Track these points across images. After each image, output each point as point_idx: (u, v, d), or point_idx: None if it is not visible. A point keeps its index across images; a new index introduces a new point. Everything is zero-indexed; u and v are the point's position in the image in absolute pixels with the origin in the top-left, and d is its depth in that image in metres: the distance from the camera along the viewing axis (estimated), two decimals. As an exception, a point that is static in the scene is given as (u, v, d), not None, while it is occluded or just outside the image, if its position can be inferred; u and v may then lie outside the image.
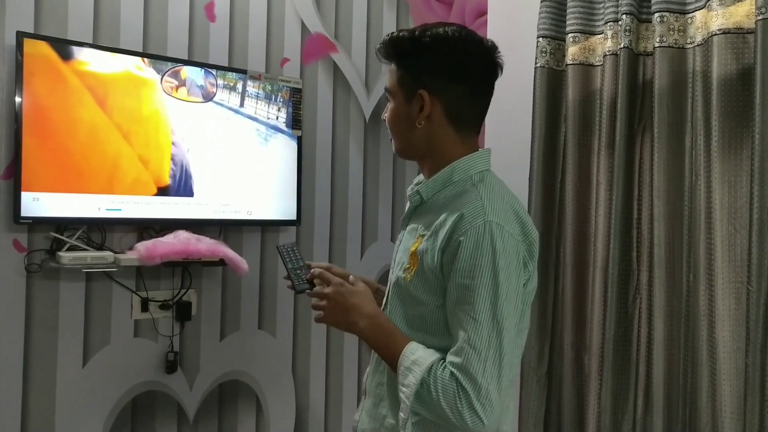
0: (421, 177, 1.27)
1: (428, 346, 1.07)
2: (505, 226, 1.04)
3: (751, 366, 1.70)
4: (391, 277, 1.19)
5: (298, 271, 1.24)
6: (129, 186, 1.88)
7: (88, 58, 1.82)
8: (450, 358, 1.02)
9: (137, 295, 1.98)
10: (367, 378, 1.24)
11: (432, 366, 1.02)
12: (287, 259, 1.27)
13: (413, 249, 1.10)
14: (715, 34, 1.84)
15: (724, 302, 1.79)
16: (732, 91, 1.82)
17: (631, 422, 2.03)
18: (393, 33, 1.16)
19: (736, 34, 1.82)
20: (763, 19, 1.73)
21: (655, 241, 1.99)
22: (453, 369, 1.00)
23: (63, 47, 1.79)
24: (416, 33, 1.13)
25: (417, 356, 1.04)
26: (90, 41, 1.90)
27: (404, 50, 1.13)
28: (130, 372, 1.99)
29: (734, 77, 1.82)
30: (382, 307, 1.21)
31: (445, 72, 1.11)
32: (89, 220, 1.84)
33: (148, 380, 2.02)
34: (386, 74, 1.21)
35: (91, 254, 1.79)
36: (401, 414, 1.05)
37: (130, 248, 1.88)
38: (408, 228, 1.18)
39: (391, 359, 1.08)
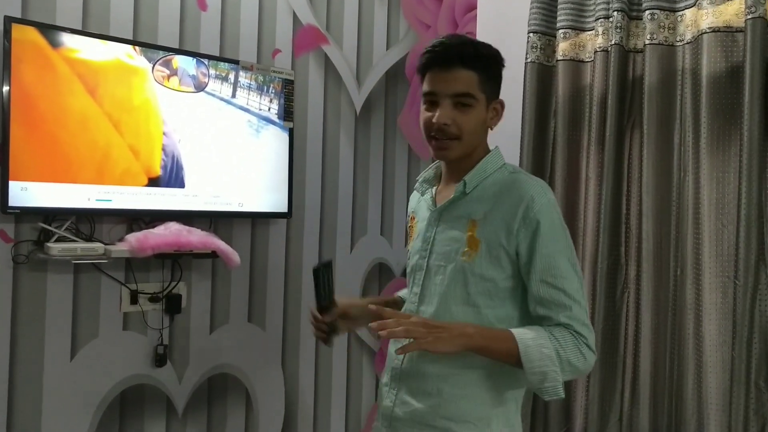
0: (429, 174, 1.38)
1: (490, 318, 1.21)
2: (554, 200, 1.24)
3: (737, 359, 1.74)
4: (434, 264, 1.27)
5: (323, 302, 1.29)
6: (119, 176, 1.85)
7: (78, 45, 1.79)
8: (559, 313, 1.18)
9: (126, 287, 1.95)
10: (402, 363, 1.27)
11: (550, 334, 1.17)
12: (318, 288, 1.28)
13: (471, 233, 1.22)
14: (705, 32, 1.87)
15: (711, 296, 1.82)
16: (721, 88, 1.86)
17: (618, 414, 2.07)
18: (467, 40, 1.26)
19: (725, 33, 1.86)
20: (752, 17, 1.76)
21: (643, 236, 2.02)
22: (567, 321, 1.17)
23: (52, 34, 1.75)
24: (482, 43, 1.26)
25: (532, 334, 1.16)
26: (79, 28, 1.86)
27: (488, 60, 1.25)
28: (119, 365, 1.96)
29: (723, 75, 1.85)
30: (416, 298, 1.29)
31: (500, 83, 1.29)
32: (78, 210, 1.81)
33: (137, 374, 2.00)
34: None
35: (81, 245, 1.76)
36: (549, 383, 1.15)
37: (120, 240, 1.85)
38: (446, 218, 1.28)
39: (507, 348, 1.15)
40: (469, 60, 1.21)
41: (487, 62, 1.24)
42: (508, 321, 1.22)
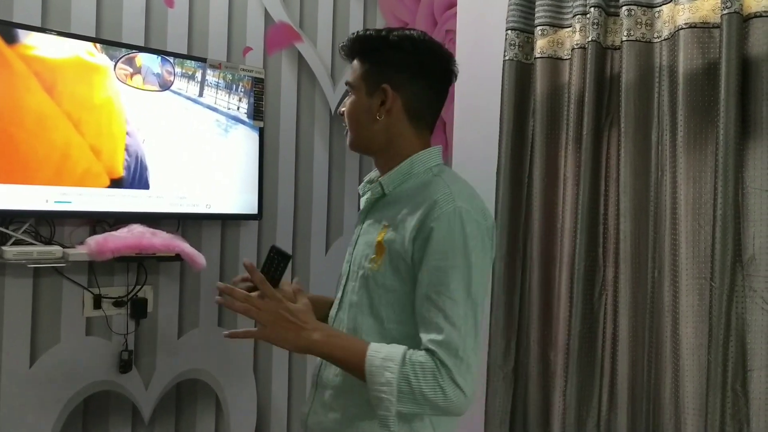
0: (373, 174, 1.32)
1: (394, 333, 1.12)
2: (471, 210, 1.11)
3: (713, 362, 1.69)
4: (352, 269, 1.20)
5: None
6: (79, 177, 1.79)
7: (35, 42, 1.73)
8: (428, 337, 1.05)
9: (89, 291, 1.90)
10: (319, 369, 1.22)
11: (404, 356, 1.05)
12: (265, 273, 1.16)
13: (379, 239, 1.14)
14: (682, 29, 1.83)
15: (688, 298, 1.78)
16: (698, 86, 1.81)
17: (595, 419, 2.02)
18: (359, 31, 1.21)
19: (702, 29, 1.81)
20: (728, 13, 1.71)
21: (621, 236, 1.97)
22: (432, 347, 1.04)
23: (8, 30, 1.70)
24: (383, 32, 1.20)
25: (385, 353, 1.06)
26: (38, 24, 1.80)
27: (371, 46, 1.19)
28: (82, 372, 1.91)
29: (700, 72, 1.81)
30: (338, 303, 1.23)
31: (409, 69, 1.18)
32: (36, 212, 1.75)
33: (101, 380, 1.94)
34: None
35: (38, 249, 1.71)
36: (383, 412, 1.04)
37: (81, 243, 1.79)
38: (367, 222, 1.22)
39: (354, 363, 1.07)
40: (353, 51, 1.21)
41: (368, 49, 1.19)
42: (412, 340, 1.09)
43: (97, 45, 1.83)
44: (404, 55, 1.17)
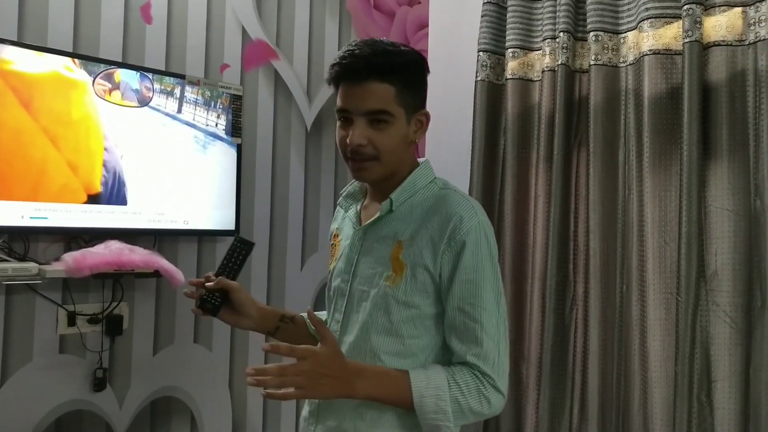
0: (350, 189, 1.29)
1: (413, 348, 1.13)
2: (487, 223, 1.15)
3: (680, 374, 1.76)
4: (358, 289, 1.17)
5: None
6: (56, 193, 1.78)
7: (11, 57, 1.72)
8: (468, 350, 1.09)
9: (63, 308, 1.87)
10: (317, 404, 1.18)
11: (448, 379, 1.08)
12: (227, 259, 1.24)
13: (396, 256, 1.12)
14: (646, 54, 1.92)
15: (655, 312, 1.85)
16: (662, 109, 1.90)
17: (567, 430, 2.07)
18: (380, 48, 1.11)
19: (665, 55, 1.91)
20: (689, 41, 1.81)
21: (590, 252, 2.04)
22: (473, 361, 1.08)
23: (-16, 45, 1.68)
24: (403, 49, 1.14)
25: (431, 382, 1.07)
26: (14, 38, 1.79)
27: (405, 70, 1.12)
28: (54, 391, 1.87)
29: (664, 96, 1.90)
30: (338, 326, 1.19)
31: (425, 89, 1.18)
32: (10, 228, 1.73)
33: (74, 399, 1.91)
34: (328, 87, 1.18)
35: (12, 265, 1.68)
36: None
37: (56, 259, 1.77)
38: (371, 238, 1.17)
39: (399, 399, 1.08)
40: (383, 72, 1.09)
41: (403, 72, 1.11)
42: (430, 349, 1.14)
43: (76, 60, 1.83)
44: (423, 76, 1.17)
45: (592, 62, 2.07)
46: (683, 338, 1.77)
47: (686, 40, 1.82)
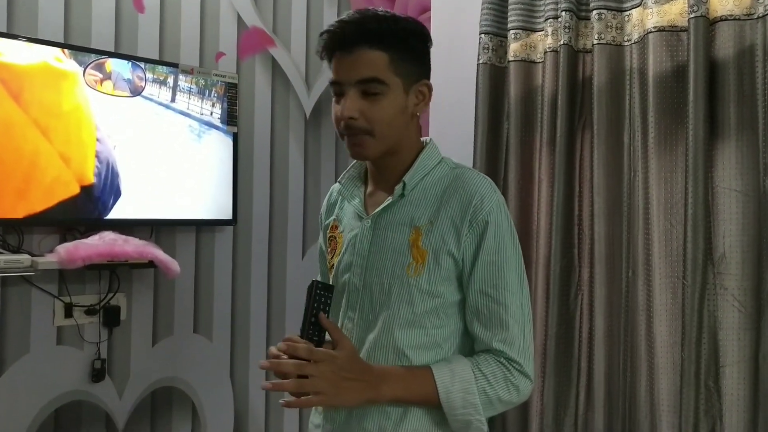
0: (352, 173, 1.20)
1: (437, 338, 1.07)
2: (503, 202, 1.09)
3: (687, 359, 1.72)
4: (374, 281, 1.08)
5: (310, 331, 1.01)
6: (48, 185, 1.76)
7: (1, 48, 1.70)
8: (493, 336, 1.04)
9: (60, 300, 1.86)
10: (341, 414, 1.10)
11: (473, 371, 1.03)
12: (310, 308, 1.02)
13: (416, 243, 1.06)
14: (651, 32, 1.86)
15: (662, 297, 1.80)
16: (667, 88, 1.84)
17: (573, 418, 2.03)
18: (372, 14, 1.05)
19: (670, 32, 1.84)
20: (695, 17, 1.74)
21: (595, 237, 1.99)
22: (499, 347, 1.03)
23: (-27, 36, 1.67)
24: (399, 17, 1.07)
25: (454, 375, 1.02)
26: (4, 30, 1.77)
27: (399, 36, 1.05)
28: (53, 382, 1.87)
29: (669, 74, 1.84)
30: (352, 323, 1.11)
31: (429, 59, 1.12)
32: (4, 221, 1.72)
33: (73, 390, 1.90)
34: (326, 71, 1.11)
35: (5, 257, 1.67)
36: (474, 431, 1.04)
37: (51, 251, 1.76)
38: (383, 225, 1.10)
39: (426, 399, 1.03)
40: (374, 38, 1.02)
41: (397, 39, 1.04)
42: (453, 338, 1.08)
43: (66, 51, 1.81)
44: (423, 45, 1.10)
45: (595, 41, 2.01)
46: (690, 323, 1.72)
47: (692, 16, 1.75)
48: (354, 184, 1.19)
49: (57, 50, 1.79)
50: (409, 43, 1.06)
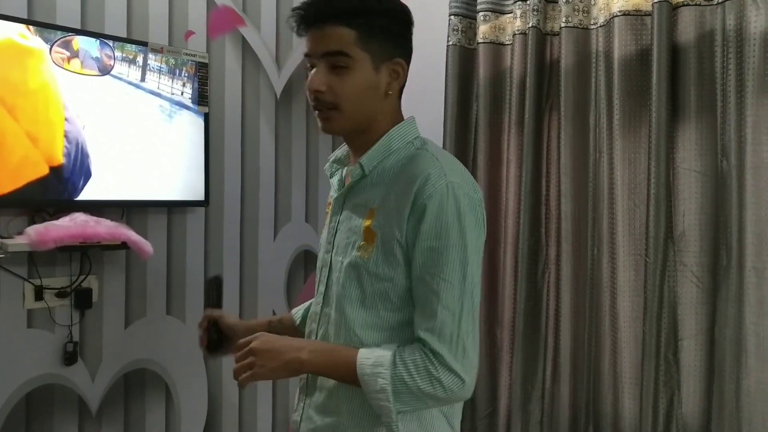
0: (338, 153, 1.22)
1: (391, 322, 1.06)
2: (463, 184, 1.04)
3: (648, 333, 1.80)
4: (335, 260, 1.12)
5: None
6: (16, 165, 1.72)
7: (-37, 24, 1.65)
8: (421, 324, 1.01)
9: (30, 282, 1.83)
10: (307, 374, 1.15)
11: (394, 356, 1.01)
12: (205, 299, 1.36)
13: (367, 225, 1.06)
14: (616, 16, 1.91)
15: (625, 274, 1.88)
16: (632, 71, 1.90)
17: (540, 391, 2.11)
18: None
19: (635, 16, 1.90)
20: (659, 1, 1.80)
21: (562, 216, 2.05)
22: (424, 336, 1.00)
23: (-67, 11, 1.61)
24: None
25: (374, 359, 1.01)
26: (-35, 5, 1.72)
27: (368, 12, 1.05)
28: (23, 366, 1.84)
29: (633, 58, 1.90)
30: (321, 298, 1.16)
31: (406, 42, 1.11)
32: (-30, 202, 1.68)
33: (44, 373, 1.88)
34: (297, 51, 1.18)
35: (-27, 240, 1.64)
36: (386, 419, 1.02)
37: (20, 233, 1.73)
38: (347, 206, 1.13)
39: (345, 374, 1.04)
40: (342, 14, 1.03)
41: (367, 16, 1.04)
42: (409, 326, 1.05)
43: (30, 27, 1.76)
44: (398, 24, 1.09)
45: (563, 24, 2.05)
46: (651, 298, 1.79)
47: (656, 1, 1.81)
48: (340, 162, 1.21)
49: (21, 26, 1.74)
50: (380, 22, 1.06)
